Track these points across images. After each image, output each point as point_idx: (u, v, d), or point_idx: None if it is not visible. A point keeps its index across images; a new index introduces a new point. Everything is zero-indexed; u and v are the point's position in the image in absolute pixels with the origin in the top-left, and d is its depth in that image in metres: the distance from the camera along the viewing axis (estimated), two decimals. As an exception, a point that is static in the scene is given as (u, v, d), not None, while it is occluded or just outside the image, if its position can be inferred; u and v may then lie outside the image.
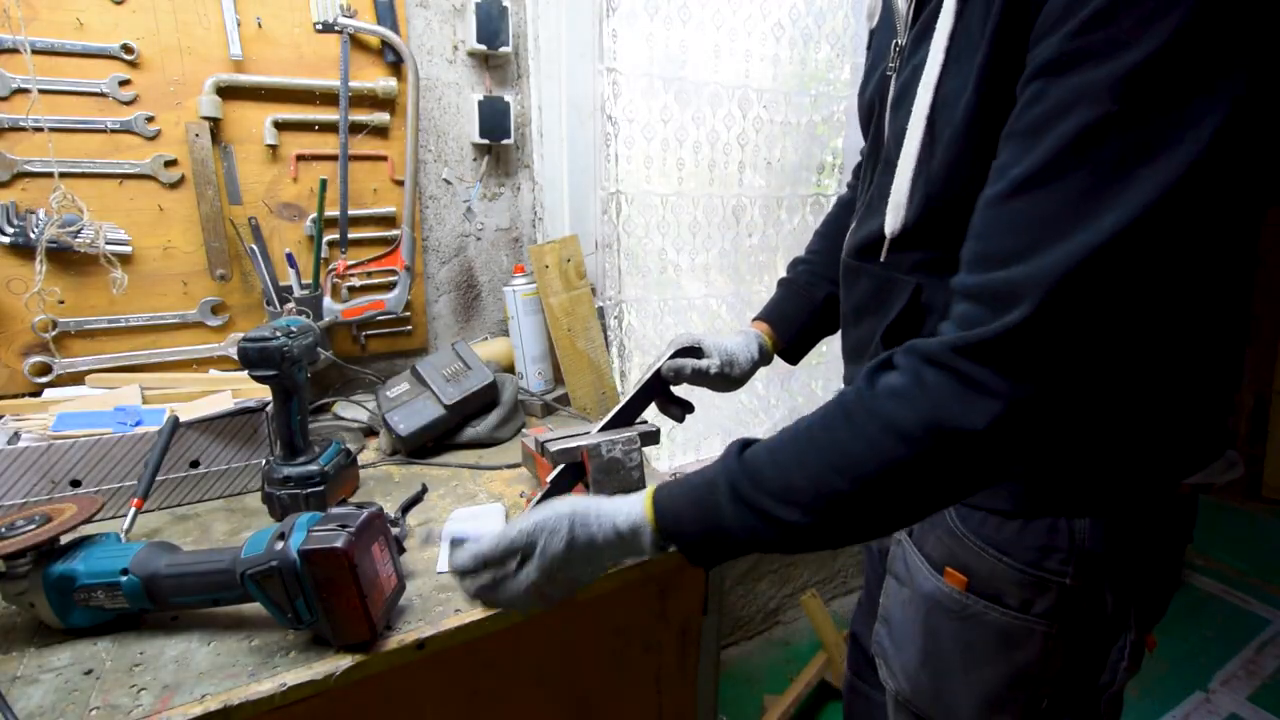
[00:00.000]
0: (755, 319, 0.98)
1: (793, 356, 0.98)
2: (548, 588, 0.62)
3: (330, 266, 1.23)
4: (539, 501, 0.79)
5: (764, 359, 0.94)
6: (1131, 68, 0.40)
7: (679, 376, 0.85)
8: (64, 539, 0.68)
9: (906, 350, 0.52)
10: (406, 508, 0.91)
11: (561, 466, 0.79)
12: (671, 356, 0.86)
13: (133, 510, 0.81)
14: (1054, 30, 0.44)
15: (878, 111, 0.70)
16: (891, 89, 0.65)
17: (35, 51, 0.98)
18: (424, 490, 0.95)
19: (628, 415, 0.84)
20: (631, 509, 0.62)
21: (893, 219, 0.61)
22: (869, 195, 0.72)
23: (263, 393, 1.03)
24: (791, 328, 0.95)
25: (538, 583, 0.61)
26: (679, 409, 0.88)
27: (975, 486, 0.52)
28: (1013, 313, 0.45)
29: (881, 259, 0.66)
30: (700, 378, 0.87)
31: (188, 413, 0.94)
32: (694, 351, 0.87)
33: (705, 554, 0.60)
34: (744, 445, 0.60)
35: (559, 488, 0.80)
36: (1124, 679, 0.66)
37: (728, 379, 0.89)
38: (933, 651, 0.68)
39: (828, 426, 0.54)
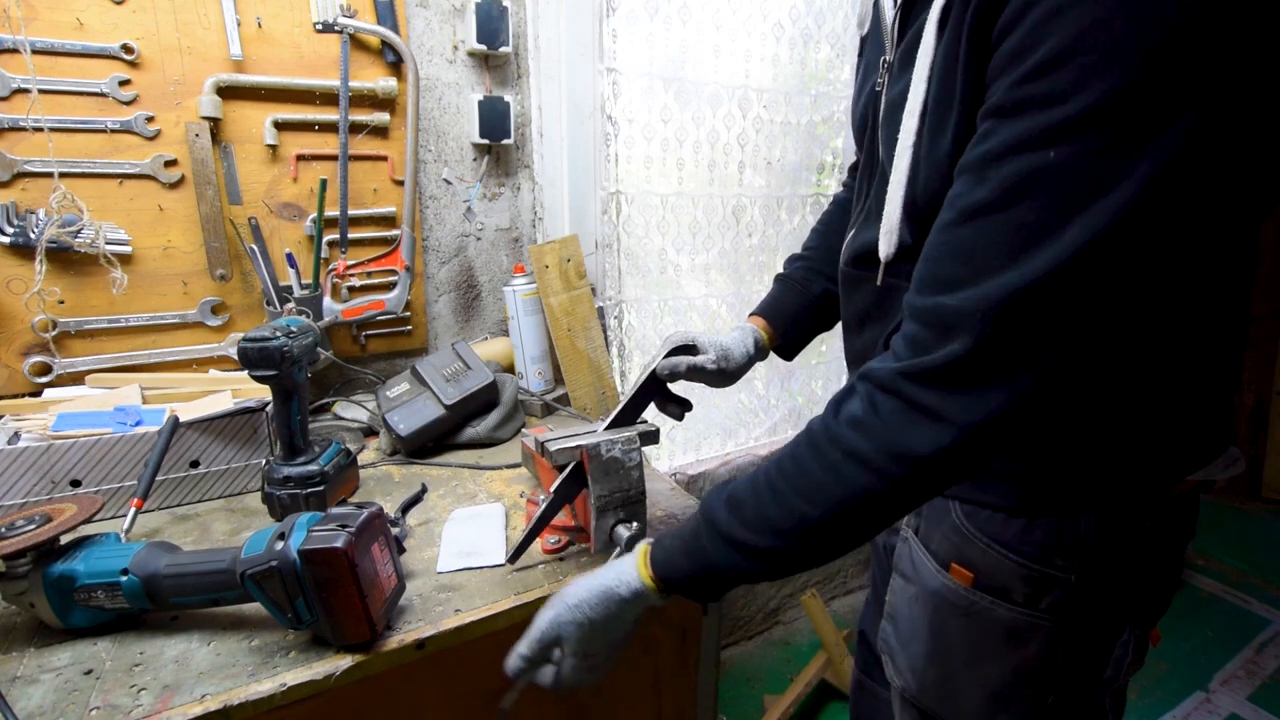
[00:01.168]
0: (751, 314, 0.98)
1: (788, 352, 0.98)
2: (593, 662, 0.67)
3: (330, 266, 1.23)
4: (542, 514, 0.79)
5: (760, 354, 0.94)
6: (1065, 120, 0.42)
7: (674, 374, 0.85)
8: (64, 539, 0.69)
9: (861, 376, 0.55)
10: (406, 508, 0.91)
11: (564, 476, 0.79)
12: (667, 355, 0.86)
13: (133, 510, 0.81)
14: (1004, 74, 0.46)
15: (870, 124, 0.70)
16: (882, 104, 0.66)
17: (35, 51, 0.98)
18: (424, 490, 0.95)
19: (628, 416, 0.84)
20: (630, 579, 0.65)
21: (885, 245, 0.63)
22: (865, 205, 0.72)
23: (263, 393, 1.03)
24: (787, 323, 0.95)
25: (579, 666, 0.67)
26: (677, 407, 0.88)
27: (943, 490, 0.54)
28: (954, 342, 0.48)
29: (879, 280, 0.67)
30: (696, 374, 0.87)
31: (188, 413, 0.94)
32: (689, 349, 0.87)
33: (703, 593, 0.64)
34: (723, 488, 0.63)
35: (562, 495, 0.80)
36: (1128, 674, 0.66)
37: (724, 374, 0.89)
38: (939, 648, 0.68)
39: (796, 458, 0.57)
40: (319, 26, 1.14)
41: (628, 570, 0.66)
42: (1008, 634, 0.63)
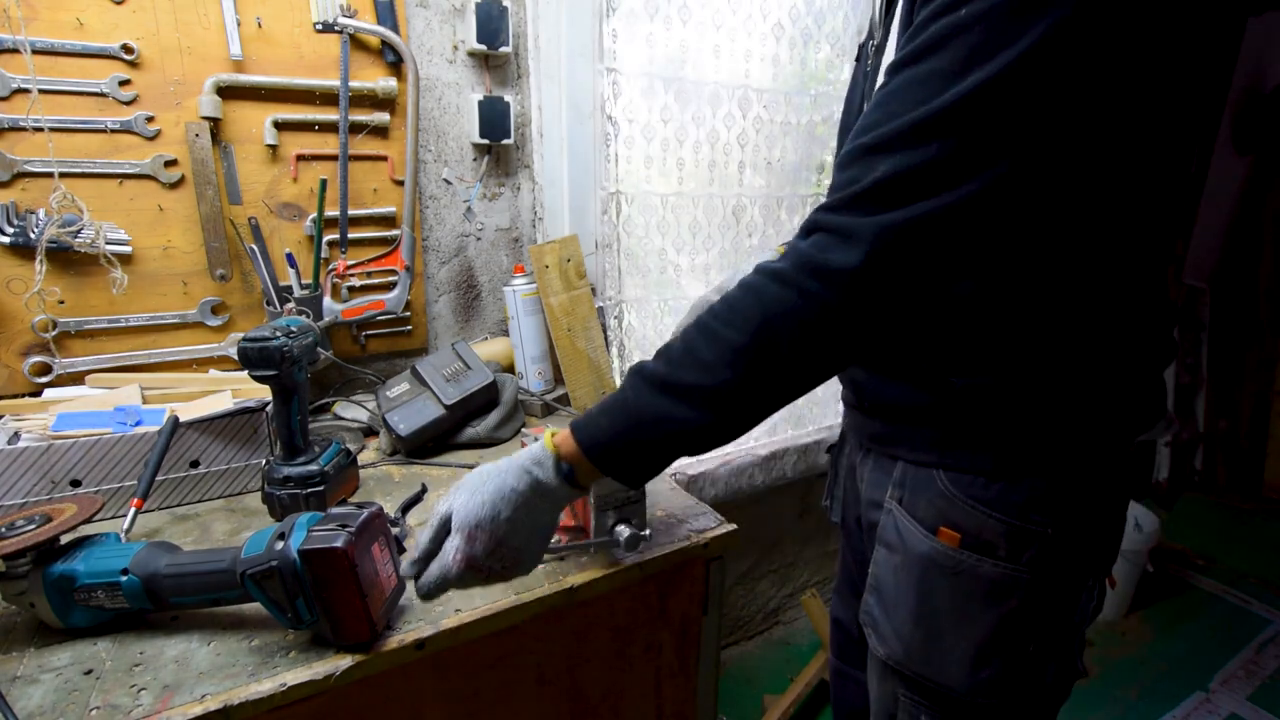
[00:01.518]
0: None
1: None
2: (479, 553, 0.62)
3: (330, 266, 1.23)
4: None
5: None
6: None
7: None
8: (64, 539, 0.69)
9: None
10: (406, 508, 0.91)
11: None
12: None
13: (132, 510, 0.81)
14: None
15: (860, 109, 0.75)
16: (868, 92, 0.71)
17: (35, 51, 0.98)
18: (424, 490, 0.95)
19: None
20: (535, 449, 0.65)
21: None
22: None
23: (263, 393, 1.03)
24: None
25: (463, 549, 0.61)
26: None
27: (865, 321, 0.57)
28: (875, 171, 0.54)
29: None
30: None
31: (188, 413, 0.94)
32: None
33: (628, 463, 0.62)
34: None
35: None
36: (1092, 618, 0.72)
37: None
38: (926, 610, 0.71)
39: (726, 298, 0.60)
40: (319, 26, 1.14)
41: (535, 445, 0.66)
42: (993, 589, 0.67)
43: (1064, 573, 0.68)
